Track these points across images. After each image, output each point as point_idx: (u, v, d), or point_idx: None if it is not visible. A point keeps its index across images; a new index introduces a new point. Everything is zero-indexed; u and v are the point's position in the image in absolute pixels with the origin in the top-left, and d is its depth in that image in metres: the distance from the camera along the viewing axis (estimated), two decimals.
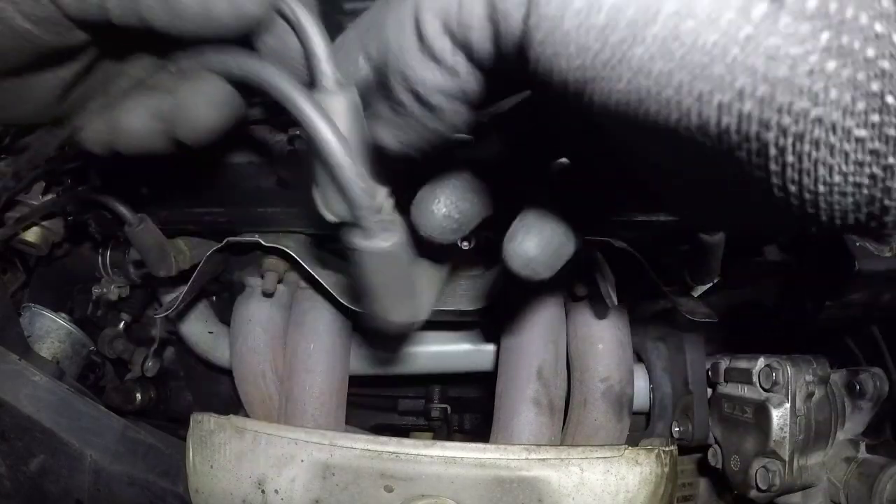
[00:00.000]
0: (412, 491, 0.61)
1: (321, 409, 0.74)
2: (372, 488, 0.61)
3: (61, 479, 0.69)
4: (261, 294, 0.78)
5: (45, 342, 0.88)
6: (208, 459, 0.64)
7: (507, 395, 0.76)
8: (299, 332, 0.76)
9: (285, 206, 0.66)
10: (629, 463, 0.61)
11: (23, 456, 0.69)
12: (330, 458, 0.62)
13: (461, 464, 0.61)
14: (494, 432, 0.75)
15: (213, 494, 0.64)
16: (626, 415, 0.77)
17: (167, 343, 1.05)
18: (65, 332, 0.90)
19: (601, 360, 0.77)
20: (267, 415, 0.78)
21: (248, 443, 0.63)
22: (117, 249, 0.89)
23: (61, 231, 0.82)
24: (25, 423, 0.68)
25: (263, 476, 0.62)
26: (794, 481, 0.73)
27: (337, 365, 0.76)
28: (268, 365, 0.77)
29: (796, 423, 0.72)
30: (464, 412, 1.07)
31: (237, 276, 0.80)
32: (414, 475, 0.61)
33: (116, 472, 0.69)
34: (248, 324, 0.78)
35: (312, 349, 0.75)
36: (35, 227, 0.79)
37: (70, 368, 0.89)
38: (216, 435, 0.64)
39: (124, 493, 0.69)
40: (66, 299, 0.97)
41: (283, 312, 0.79)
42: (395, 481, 0.61)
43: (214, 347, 0.92)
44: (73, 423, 0.69)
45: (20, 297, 0.92)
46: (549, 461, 0.60)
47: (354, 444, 0.62)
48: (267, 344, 0.77)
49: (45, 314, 0.90)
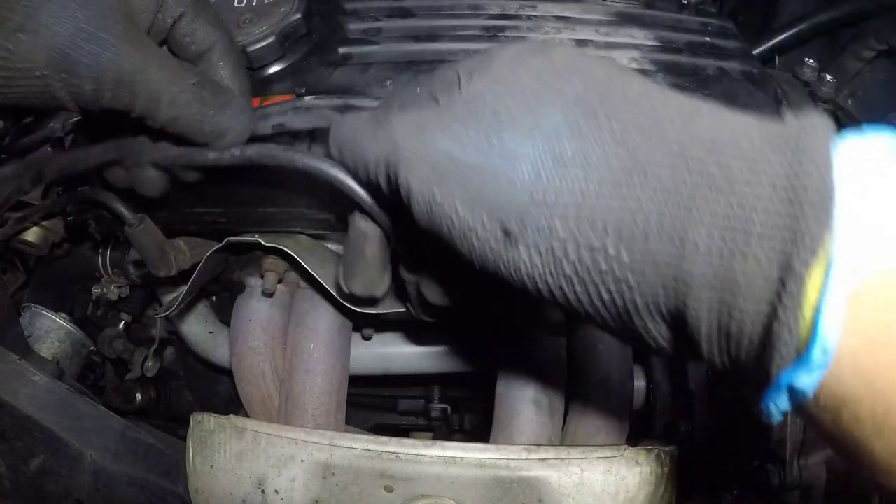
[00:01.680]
0: (412, 491, 0.61)
1: (321, 409, 0.74)
2: (372, 488, 0.61)
3: (61, 479, 0.69)
4: (261, 294, 0.78)
5: (45, 342, 0.88)
6: (208, 459, 0.64)
7: (507, 395, 0.76)
8: (299, 332, 0.76)
9: (285, 206, 0.66)
10: (629, 463, 0.61)
11: (23, 456, 0.69)
12: (330, 458, 0.62)
13: (461, 464, 0.61)
14: (494, 432, 0.75)
15: (213, 494, 0.64)
16: (626, 415, 0.77)
17: (167, 343, 1.05)
18: (65, 332, 0.90)
19: (601, 360, 0.77)
20: (267, 415, 0.77)
21: (248, 443, 0.63)
22: (117, 249, 0.88)
23: (61, 231, 0.82)
24: (25, 423, 0.68)
25: (263, 476, 0.62)
26: (794, 481, 0.73)
27: (337, 365, 0.76)
28: (268, 365, 0.77)
29: (796, 422, 0.72)
30: (464, 412, 1.07)
31: (237, 276, 0.80)
32: (414, 475, 0.61)
33: (116, 472, 0.69)
34: (248, 324, 0.78)
35: (312, 349, 0.75)
36: (35, 227, 0.79)
37: (70, 368, 0.89)
38: (216, 435, 0.64)
39: (124, 493, 0.69)
40: (66, 299, 0.97)
41: (283, 312, 0.79)
42: (395, 481, 0.61)
43: (214, 347, 0.92)
44: (73, 423, 0.69)
45: (20, 297, 0.92)
46: (549, 461, 0.60)
47: (354, 444, 0.62)
48: (267, 344, 0.77)
49: (45, 314, 0.90)
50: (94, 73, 0.45)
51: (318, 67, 0.66)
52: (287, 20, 0.64)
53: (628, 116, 0.33)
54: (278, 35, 0.64)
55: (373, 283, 0.58)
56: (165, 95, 0.48)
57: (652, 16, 0.75)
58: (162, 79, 0.47)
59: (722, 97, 0.65)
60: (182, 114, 0.49)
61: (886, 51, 0.87)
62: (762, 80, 0.68)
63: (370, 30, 0.70)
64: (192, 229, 0.71)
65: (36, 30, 0.43)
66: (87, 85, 0.45)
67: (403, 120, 0.39)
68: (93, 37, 0.44)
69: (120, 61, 0.45)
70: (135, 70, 0.46)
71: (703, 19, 0.76)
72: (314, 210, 0.66)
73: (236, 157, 0.54)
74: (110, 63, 0.45)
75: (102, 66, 0.45)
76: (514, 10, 0.72)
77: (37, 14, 0.43)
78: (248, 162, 0.54)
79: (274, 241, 0.67)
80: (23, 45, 0.43)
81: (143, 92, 0.47)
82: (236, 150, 0.54)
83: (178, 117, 0.49)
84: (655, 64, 0.67)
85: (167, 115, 0.49)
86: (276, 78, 0.66)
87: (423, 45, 0.68)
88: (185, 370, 1.06)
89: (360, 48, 0.68)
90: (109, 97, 0.46)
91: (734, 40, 0.74)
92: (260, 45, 0.63)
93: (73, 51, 0.44)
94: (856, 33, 0.88)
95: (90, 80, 0.45)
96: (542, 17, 0.72)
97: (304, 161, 0.52)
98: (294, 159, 0.53)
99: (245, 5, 0.65)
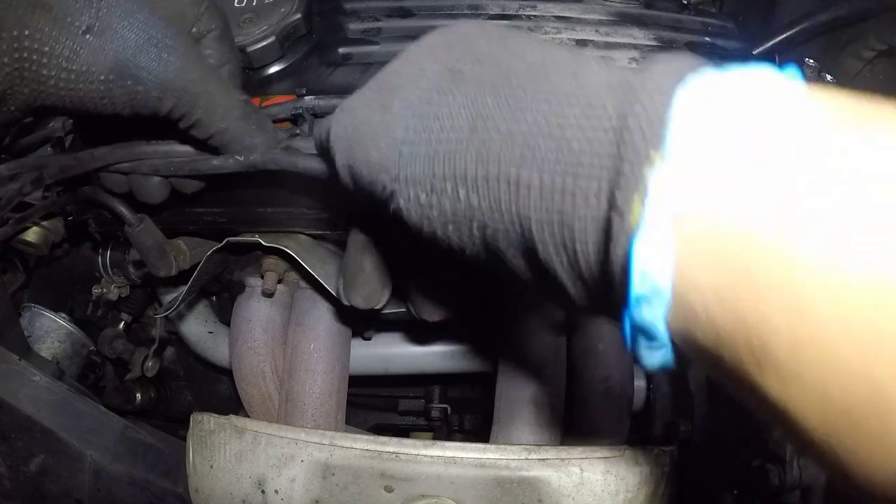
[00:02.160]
0: (412, 491, 0.61)
1: (321, 409, 0.74)
2: (372, 488, 0.61)
3: (61, 479, 0.69)
4: (261, 294, 0.78)
5: (45, 342, 0.88)
6: (208, 459, 0.64)
7: (507, 395, 0.76)
8: (299, 332, 0.76)
9: (285, 206, 0.66)
10: (629, 463, 0.61)
11: (23, 456, 0.69)
12: (330, 458, 0.62)
13: (461, 464, 0.61)
14: (494, 432, 0.75)
15: (213, 494, 0.64)
16: (626, 415, 0.77)
17: (167, 343, 1.05)
18: (65, 332, 0.90)
19: (601, 360, 0.77)
20: (267, 415, 0.77)
21: (248, 443, 0.63)
22: (117, 249, 0.89)
23: (61, 231, 0.82)
24: (25, 423, 0.68)
25: (263, 476, 0.62)
26: (794, 481, 0.73)
27: (337, 365, 0.76)
28: (268, 365, 0.77)
29: None
30: (464, 412, 1.07)
31: (237, 276, 0.80)
32: (414, 475, 0.61)
33: (116, 472, 0.69)
34: (248, 324, 0.78)
35: (312, 349, 0.75)
36: (35, 227, 0.79)
37: (70, 368, 0.89)
38: (216, 435, 0.64)
39: (124, 493, 0.69)
40: (66, 299, 0.97)
41: (283, 312, 0.79)
42: (395, 481, 0.61)
43: (214, 347, 0.92)
44: (73, 423, 0.69)
45: (20, 297, 0.92)
46: (549, 461, 0.60)
47: (354, 444, 0.62)
48: (267, 344, 0.77)
49: (45, 314, 0.90)
50: (161, 81, 0.45)
51: (318, 67, 0.66)
52: (287, 20, 0.64)
53: (488, 77, 0.36)
54: (278, 35, 0.64)
55: (373, 295, 0.58)
56: (220, 108, 0.49)
57: (652, 16, 0.75)
58: (219, 92, 0.49)
59: None
60: (230, 126, 0.51)
61: (886, 51, 0.86)
62: None
63: (370, 30, 0.70)
64: (192, 229, 0.71)
65: (105, 33, 0.42)
66: (154, 92, 0.46)
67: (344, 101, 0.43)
68: (162, 45, 0.44)
69: (187, 72, 0.46)
70: (199, 81, 0.47)
71: (703, 19, 0.76)
72: (314, 210, 0.66)
73: (240, 162, 0.55)
74: (178, 73, 0.46)
75: (170, 75, 0.45)
76: (514, 10, 0.72)
77: (107, 16, 0.42)
78: (252, 168, 0.55)
79: (274, 241, 0.67)
80: (90, 48, 0.42)
81: (204, 103, 0.48)
82: (239, 156, 0.55)
83: (226, 130, 0.51)
84: None
85: (218, 127, 0.50)
86: (276, 78, 0.66)
87: None
88: (185, 370, 1.06)
89: (360, 48, 0.68)
90: (170, 106, 0.47)
91: (734, 40, 0.74)
92: (260, 45, 0.63)
93: (143, 58, 0.44)
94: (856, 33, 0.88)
95: (157, 87, 0.45)
96: (542, 17, 0.72)
97: (305, 165, 0.53)
98: (296, 164, 0.53)
99: (245, 5, 0.66)
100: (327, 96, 0.62)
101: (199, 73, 0.47)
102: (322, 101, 0.61)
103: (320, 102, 0.61)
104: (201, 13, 0.51)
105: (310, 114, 0.61)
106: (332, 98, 0.62)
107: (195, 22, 0.52)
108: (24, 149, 0.74)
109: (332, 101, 0.61)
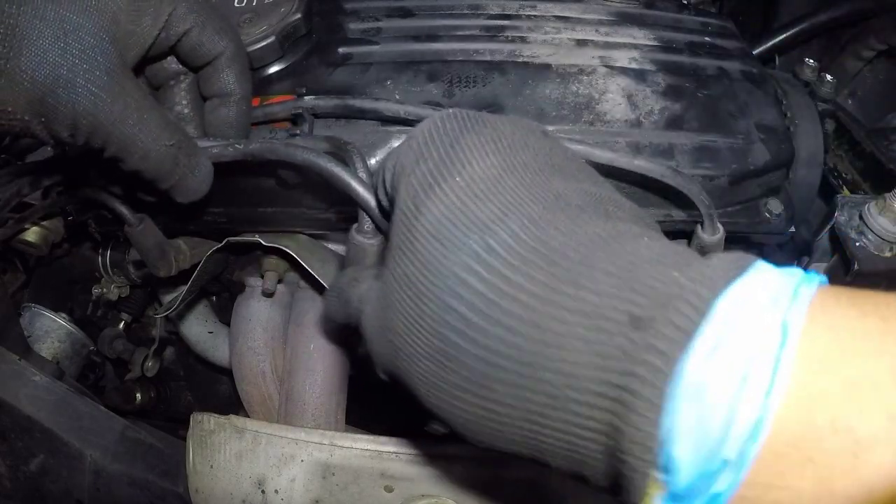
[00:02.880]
0: (412, 491, 0.61)
1: (321, 409, 0.74)
2: (372, 488, 0.61)
3: (61, 479, 0.69)
4: (261, 294, 0.78)
5: (45, 342, 0.88)
6: (208, 459, 0.64)
7: None
8: (299, 332, 0.76)
9: (285, 206, 0.66)
10: None
11: (23, 456, 0.69)
12: (330, 458, 0.62)
13: (461, 463, 0.61)
14: None
15: (213, 494, 0.64)
16: None
17: (167, 343, 1.05)
18: (65, 332, 0.90)
19: None
20: (267, 415, 0.78)
21: (248, 443, 0.63)
22: (117, 249, 0.89)
23: (61, 231, 0.82)
24: (25, 423, 0.68)
25: (263, 476, 0.63)
26: None
27: (337, 365, 0.76)
28: (268, 365, 0.77)
29: None
30: None
31: (237, 276, 0.80)
32: (414, 475, 0.61)
33: (116, 472, 0.69)
34: (248, 323, 0.78)
35: (312, 349, 0.75)
36: (35, 227, 0.79)
37: (70, 368, 0.89)
38: (216, 435, 0.64)
39: (124, 493, 0.69)
40: (66, 299, 0.97)
41: (283, 312, 0.79)
42: (395, 481, 0.61)
43: (214, 347, 0.92)
44: (73, 423, 0.69)
45: (20, 297, 0.92)
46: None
47: (354, 444, 0.62)
48: (267, 344, 0.77)
49: (45, 314, 0.90)
50: (70, 120, 0.45)
51: (318, 67, 0.66)
52: (287, 20, 0.64)
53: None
54: (278, 35, 0.64)
55: None
56: (138, 150, 0.49)
57: (652, 16, 0.75)
58: (136, 133, 0.48)
59: (722, 97, 0.65)
60: (151, 168, 0.51)
61: (886, 51, 0.87)
62: (762, 80, 0.68)
63: (370, 30, 0.70)
64: (192, 229, 0.71)
65: (15, 76, 0.43)
66: (64, 131, 0.46)
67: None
68: (71, 84, 0.44)
69: (96, 111, 0.46)
70: (110, 122, 0.46)
71: (703, 19, 0.76)
72: (314, 210, 0.66)
73: (239, 150, 0.54)
74: (86, 112, 0.45)
75: (78, 114, 0.45)
76: (514, 10, 0.72)
77: (16, 59, 0.43)
78: (250, 157, 0.54)
79: (274, 241, 0.67)
80: (3, 90, 0.44)
81: (116, 143, 0.48)
82: (239, 144, 0.55)
83: (147, 170, 0.51)
84: (655, 64, 0.67)
85: (136, 166, 0.50)
86: (276, 78, 0.66)
87: (423, 45, 0.68)
88: (185, 370, 1.06)
89: (360, 48, 0.68)
90: (83, 142, 0.48)
91: (734, 40, 0.74)
92: (260, 45, 0.63)
93: (52, 98, 0.44)
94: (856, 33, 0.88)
95: (67, 126, 0.46)
96: (542, 16, 0.72)
97: (304, 157, 0.52)
98: (294, 155, 0.53)
99: (245, 5, 0.66)
100: (327, 96, 0.62)
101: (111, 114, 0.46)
102: (322, 101, 0.61)
103: (320, 102, 0.61)
104: (167, 19, 0.51)
105: (309, 114, 0.61)
106: (332, 98, 0.62)
107: (159, 31, 0.51)
108: (24, 149, 0.74)
109: (332, 100, 0.61)
